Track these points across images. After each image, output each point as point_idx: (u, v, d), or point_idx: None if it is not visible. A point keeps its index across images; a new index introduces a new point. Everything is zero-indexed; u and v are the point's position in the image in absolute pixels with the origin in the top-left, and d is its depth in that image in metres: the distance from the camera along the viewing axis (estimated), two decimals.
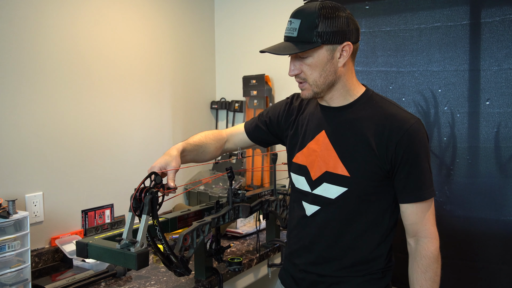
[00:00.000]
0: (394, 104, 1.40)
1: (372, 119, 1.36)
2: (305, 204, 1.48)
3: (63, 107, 2.09)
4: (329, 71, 1.34)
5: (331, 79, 1.35)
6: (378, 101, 1.40)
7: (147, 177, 1.31)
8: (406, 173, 1.33)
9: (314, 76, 1.34)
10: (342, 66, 1.34)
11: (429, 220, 1.37)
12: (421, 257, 1.36)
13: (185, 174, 2.89)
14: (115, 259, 1.28)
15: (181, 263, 1.39)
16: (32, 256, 1.89)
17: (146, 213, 1.27)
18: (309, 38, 1.29)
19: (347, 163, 1.37)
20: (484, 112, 2.10)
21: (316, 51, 1.31)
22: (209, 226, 1.59)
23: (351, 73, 1.39)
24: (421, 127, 1.34)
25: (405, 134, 1.31)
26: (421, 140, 1.33)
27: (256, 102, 2.90)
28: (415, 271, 1.37)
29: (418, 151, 1.32)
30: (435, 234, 1.38)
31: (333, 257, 1.44)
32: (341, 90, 1.39)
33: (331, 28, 1.28)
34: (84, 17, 2.18)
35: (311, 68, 1.34)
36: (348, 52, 1.32)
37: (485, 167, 2.11)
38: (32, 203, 1.95)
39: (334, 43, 1.30)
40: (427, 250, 1.36)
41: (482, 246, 2.12)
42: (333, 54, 1.32)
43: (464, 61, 2.14)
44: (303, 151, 1.48)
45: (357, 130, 1.37)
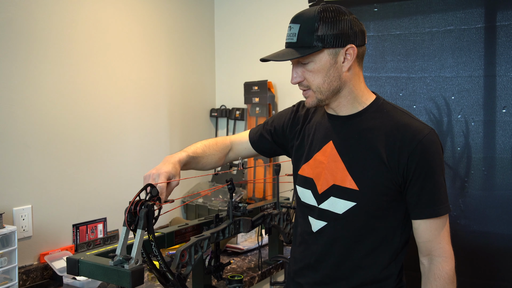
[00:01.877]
0: (407, 113, 1.38)
1: (383, 129, 1.35)
2: (311, 219, 1.47)
3: (54, 114, 2.09)
4: (333, 76, 1.33)
5: (335, 85, 1.35)
6: (389, 110, 1.38)
7: (143, 189, 1.31)
8: (419, 187, 1.32)
9: (317, 82, 1.34)
10: (347, 70, 1.34)
11: (444, 238, 1.36)
12: (435, 277, 1.34)
13: (183, 186, 2.88)
14: (108, 277, 1.27)
15: (178, 281, 1.38)
16: (20, 273, 1.88)
17: (141, 228, 1.26)
18: (309, 43, 1.30)
19: (356, 176, 1.36)
20: (501, 121, 2.10)
21: (318, 56, 1.31)
22: (208, 241, 1.58)
23: (358, 78, 1.38)
24: (435, 138, 1.33)
25: (418, 145, 1.30)
26: (435, 152, 1.32)
27: (258, 109, 2.91)
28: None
29: (432, 163, 1.31)
30: (451, 253, 1.36)
31: (340, 276, 1.42)
32: (348, 97, 1.38)
33: (332, 31, 1.29)
34: (78, 20, 2.19)
35: (313, 74, 1.34)
36: (352, 55, 1.32)
37: (502, 179, 2.10)
38: (20, 216, 1.95)
39: (336, 46, 1.30)
40: (442, 270, 1.34)
41: (499, 263, 2.10)
42: (336, 58, 1.32)
43: (479, 66, 2.14)
44: (310, 163, 1.48)
45: (367, 141, 1.36)
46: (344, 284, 1.42)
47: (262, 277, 2.05)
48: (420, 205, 1.34)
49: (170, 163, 1.49)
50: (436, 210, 1.33)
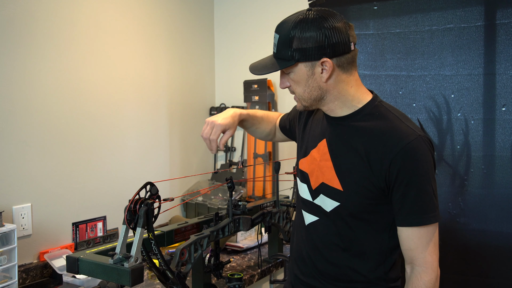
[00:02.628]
0: (398, 117, 1.35)
1: (371, 132, 1.34)
2: (304, 213, 1.51)
3: (54, 113, 2.09)
4: (313, 86, 1.35)
5: (316, 94, 1.37)
6: (381, 112, 1.37)
7: (142, 187, 1.31)
8: (402, 194, 1.29)
9: (299, 91, 1.39)
10: (327, 80, 1.33)
11: (426, 248, 1.31)
12: (413, 287, 1.33)
13: (182, 185, 2.89)
14: (108, 275, 1.27)
15: (178, 279, 1.38)
16: (19, 271, 1.88)
17: (141, 226, 1.26)
18: (285, 55, 1.33)
19: (341, 177, 1.37)
20: (500, 119, 2.10)
21: (295, 68, 1.34)
22: (207, 239, 1.58)
23: (345, 84, 1.36)
24: (421, 145, 1.29)
25: (400, 151, 1.27)
26: (419, 159, 1.28)
27: (258, 108, 2.91)
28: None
29: (415, 171, 1.28)
30: (432, 264, 1.31)
31: (328, 272, 1.45)
32: (336, 102, 1.38)
33: (306, 45, 1.29)
34: (78, 19, 2.19)
35: (295, 83, 1.38)
36: (329, 68, 1.31)
37: (502, 177, 2.10)
38: (20, 215, 1.95)
39: (310, 60, 1.31)
40: (420, 281, 1.31)
41: (498, 261, 2.11)
42: (313, 70, 1.32)
43: (479, 64, 2.14)
44: (307, 158, 1.51)
45: (354, 143, 1.36)
46: (332, 279, 1.44)
47: (261, 275, 2.05)
48: (402, 212, 1.31)
49: (230, 116, 1.69)
50: (418, 218, 1.30)
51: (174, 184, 2.80)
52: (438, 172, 2.22)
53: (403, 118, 1.36)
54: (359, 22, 2.37)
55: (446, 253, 2.19)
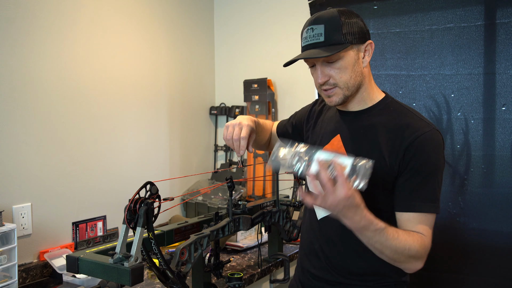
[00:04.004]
0: (412, 112, 1.41)
1: (386, 127, 1.39)
2: (316, 208, 1.51)
3: (53, 112, 2.09)
4: (357, 71, 1.39)
5: (359, 80, 1.40)
6: (396, 108, 1.43)
7: (142, 187, 1.31)
8: (406, 179, 1.33)
9: (345, 78, 1.37)
10: (366, 66, 1.41)
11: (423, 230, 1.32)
12: (409, 233, 1.31)
13: (182, 184, 2.89)
14: (108, 275, 1.27)
15: (178, 279, 1.38)
16: (19, 271, 1.88)
17: (141, 226, 1.26)
18: (338, 40, 1.33)
19: None
20: (500, 118, 2.10)
21: (346, 52, 1.36)
22: (207, 239, 1.58)
23: (370, 76, 1.45)
24: (434, 137, 1.34)
25: (415, 141, 1.32)
26: (431, 150, 1.33)
27: (258, 107, 2.91)
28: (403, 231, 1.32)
29: (425, 160, 1.32)
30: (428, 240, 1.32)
31: (341, 264, 1.46)
32: (364, 93, 1.44)
33: (354, 28, 1.35)
34: (78, 19, 2.19)
35: (341, 70, 1.37)
36: (371, 51, 1.39)
37: (501, 176, 2.10)
38: (20, 214, 1.95)
39: (360, 42, 1.37)
40: (416, 234, 1.31)
41: (498, 260, 2.11)
42: (359, 54, 1.38)
43: (479, 64, 2.14)
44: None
45: (371, 137, 1.40)
46: (345, 271, 1.45)
47: (261, 274, 2.05)
48: (401, 197, 1.35)
49: (249, 119, 1.63)
50: (417, 204, 1.32)
51: (174, 184, 2.80)
52: None
53: (417, 114, 1.41)
54: None
55: (445, 252, 2.19)
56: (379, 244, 1.27)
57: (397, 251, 1.28)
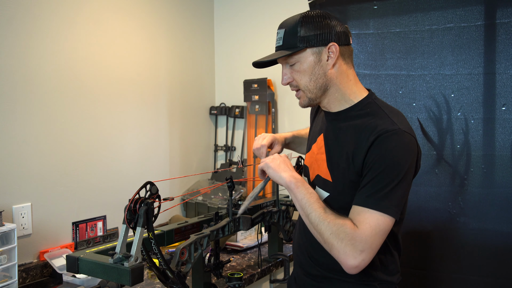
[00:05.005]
0: (387, 114, 1.38)
1: (358, 129, 1.38)
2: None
3: (53, 112, 2.09)
4: (318, 74, 1.39)
5: (321, 82, 1.41)
6: (372, 110, 1.40)
7: (142, 187, 1.31)
8: (366, 175, 1.32)
9: (304, 81, 1.41)
10: (331, 68, 1.39)
11: (359, 223, 1.28)
12: (345, 217, 1.31)
13: (182, 184, 2.89)
14: (108, 275, 1.27)
15: (178, 279, 1.38)
16: (19, 271, 1.88)
17: (141, 225, 1.26)
18: (293, 44, 1.38)
19: (331, 169, 1.44)
20: (500, 118, 2.10)
21: (303, 56, 1.39)
22: (207, 239, 1.58)
23: (345, 77, 1.42)
24: (399, 138, 1.30)
25: (376, 139, 1.31)
26: (392, 148, 1.30)
27: (258, 107, 2.91)
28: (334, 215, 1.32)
29: (384, 158, 1.29)
30: (363, 234, 1.26)
31: (322, 260, 1.48)
32: (336, 95, 1.43)
33: (313, 32, 1.37)
34: (77, 18, 2.19)
35: (300, 73, 1.41)
36: (335, 52, 1.37)
37: (501, 176, 2.10)
38: (20, 214, 1.95)
39: (318, 45, 1.37)
40: (350, 223, 1.28)
41: (498, 261, 2.11)
42: (320, 56, 1.38)
43: (479, 64, 2.14)
44: (309, 153, 1.59)
45: (344, 137, 1.42)
46: (326, 266, 1.47)
47: (261, 274, 2.05)
48: (359, 192, 1.32)
49: (279, 134, 1.78)
50: (364, 199, 1.29)
51: (174, 184, 2.80)
52: (438, 171, 2.22)
53: (391, 115, 1.38)
54: (359, 21, 2.37)
55: (445, 252, 2.20)
56: (308, 207, 1.34)
57: (322, 220, 1.30)
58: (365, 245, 1.26)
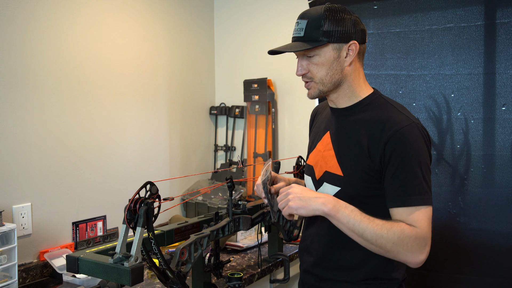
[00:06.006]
0: (395, 107, 1.43)
1: (369, 122, 1.41)
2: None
3: (54, 112, 2.09)
4: (336, 69, 1.42)
5: (337, 78, 1.43)
6: (380, 104, 1.45)
7: (142, 187, 1.31)
8: (392, 175, 1.35)
9: (321, 74, 1.43)
10: (348, 65, 1.42)
11: (417, 223, 1.31)
12: (398, 222, 1.32)
13: (182, 184, 2.88)
14: (108, 275, 1.27)
15: (178, 279, 1.38)
16: (19, 271, 1.88)
17: (141, 225, 1.26)
18: (316, 37, 1.38)
19: (342, 163, 1.45)
20: (500, 118, 2.10)
21: (323, 50, 1.40)
22: (207, 239, 1.58)
23: (358, 74, 1.46)
24: (414, 131, 1.35)
25: (394, 135, 1.34)
26: (412, 143, 1.34)
27: (258, 107, 2.91)
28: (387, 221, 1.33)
29: (406, 154, 1.33)
30: (422, 225, 1.31)
31: (328, 258, 1.49)
32: (347, 90, 1.46)
33: (337, 28, 1.38)
34: (77, 18, 2.19)
35: (318, 66, 1.42)
36: (354, 51, 1.40)
37: (502, 176, 2.10)
38: (20, 214, 1.95)
39: (340, 42, 1.39)
40: (407, 226, 1.31)
41: (498, 260, 2.11)
42: (340, 53, 1.40)
43: (479, 64, 2.14)
44: (313, 152, 1.59)
45: (354, 132, 1.44)
46: (333, 267, 1.48)
47: (261, 274, 2.05)
48: (391, 193, 1.35)
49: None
50: (408, 199, 1.33)
51: (174, 184, 2.80)
52: (438, 171, 2.22)
53: (400, 108, 1.43)
54: None
55: (446, 252, 2.19)
56: (358, 226, 1.31)
57: (379, 234, 1.30)
58: (427, 239, 1.31)
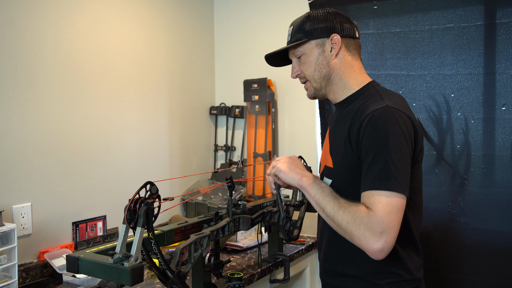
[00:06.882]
0: (380, 95, 1.41)
1: (354, 111, 1.43)
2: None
3: (54, 112, 2.09)
4: (322, 64, 1.48)
5: (325, 72, 1.49)
6: (370, 93, 1.45)
7: (142, 187, 1.31)
8: (363, 159, 1.33)
9: (310, 71, 1.51)
10: (335, 58, 1.47)
11: (373, 205, 1.27)
12: (359, 205, 1.30)
13: (182, 184, 2.88)
14: (108, 275, 1.27)
15: (178, 279, 1.38)
16: (19, 271, 1.88)
17: (141, 225, 1.26)
18: (299, 38, 1.49)
19: (333, 155, 1.50)
20: (500, 118, 2.10)
21: (308, 48, 1.49)
22: (207, 239, 1.58)
23: (350, 67, 1.50)
24: (385, 114, 1.32)
25: (365, 119, 1.34)
26: (381, 126, 1.30)
27: (258, 107, 2.91)
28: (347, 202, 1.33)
29: (374, 137, 1.31)
30: (381, 218, 1.24)
31: (334, 253, 1.51)
32: (339, 84, 1.50)
33: (316, 25, 1.47)
34: (77, 18, 2.19)
35: (306, 64, 1.51)
36: (338, 43, 1.46)
37: (502, 176, 2.10)
38: (20, 214, 1.95)
39: (321, 37, 1.47)
40: (364, 207, 1.28)
41: (498, 260, 2.11)
42: (323, 47, 1.47)
43: (479, 64, 2.14)
44: (322, 150, 1.66)
45: (343, 123, 1.46)
46: (338, 259, 1.50)
47: (261, 274, 2.05)
48: (364, 177, 1.32)
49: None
50: (367, 182, 1.30)
51: (174, 184, 2.80)
52: (438, 171, 2.22)
53: (384, 96, 1.41)
54: (359, 21, 2.37)
55: (445, 252, 2.20)
56: (322, 201, 1.36)
57: (337, 211, 1.32)
58: (383, 226, 1.24)
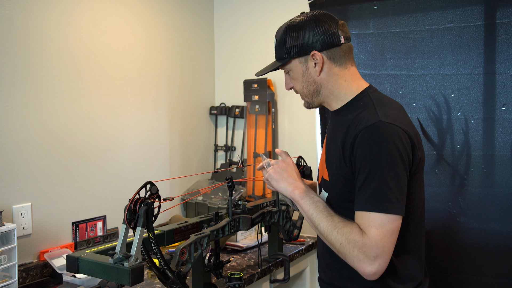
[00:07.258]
0: (374, 105, 1.36)
1: (347, 122, 1.37)
2: None
3: (54, 112, 2.09)
4: (308, 81, 1.44)
5: (312, 88, 1.45)
6: (364, 102, 1.39)
7: (142, 187, 1.31)
8: (357, 177, 1.30)
9: (299, 87, 1.48)
10: (319, 74, 1.42)
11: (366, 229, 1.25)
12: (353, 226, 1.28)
13: (182, 184, 2.88)
14: (108, 275, 1.27)
15: (178, 279, 1.38)
16: (19, 271, 1.88)
17: (141, 225, 1.26)
18: (282, 55, 1.45)
19: (329, 168, 1.45)
20: (500, 118, 2.10)
21: (293, 65, 1.45)
22: (207, 239, 1.58)
23: (338, 78, 1.43)
24: (378, 130, 1.27)
25: (358, 135, 1.29)
26: (374, 144, 1.27)
27: (258, 107, 2.91)
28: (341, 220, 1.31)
29: (367, 155, 1.27)
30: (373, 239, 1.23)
31: (331, 265, 1.48)
32: (330, 96, 1.46)
33: (295, 42, 1.41)
34: (77, 18, 2.19)
35: (295, 80, 1.48)
36: (319, 60, 1.40)
37: (502, 176, 2.10)
38: (20, 214, 1.95)
39: (302, 55, 1.42)
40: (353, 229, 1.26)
41: (498, 260, 2.11)
42: (307, 64, 1.43)
43: (479, 64, 2.14)
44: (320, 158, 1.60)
45: (337, 134, 1.41)
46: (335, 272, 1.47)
47: (261, 274, 2.05)
48: (356, 196, 1.30)
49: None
50: (359, 202, 1.28)
51: (174, 184, 2.80)
52: (438, 171, 2.21)
53: (378, 106, 1.35)
54: (359, 21, 2.37)
55: (445, 252, 2.19)
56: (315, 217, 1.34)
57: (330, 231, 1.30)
58: (377, 250, 1.23)
